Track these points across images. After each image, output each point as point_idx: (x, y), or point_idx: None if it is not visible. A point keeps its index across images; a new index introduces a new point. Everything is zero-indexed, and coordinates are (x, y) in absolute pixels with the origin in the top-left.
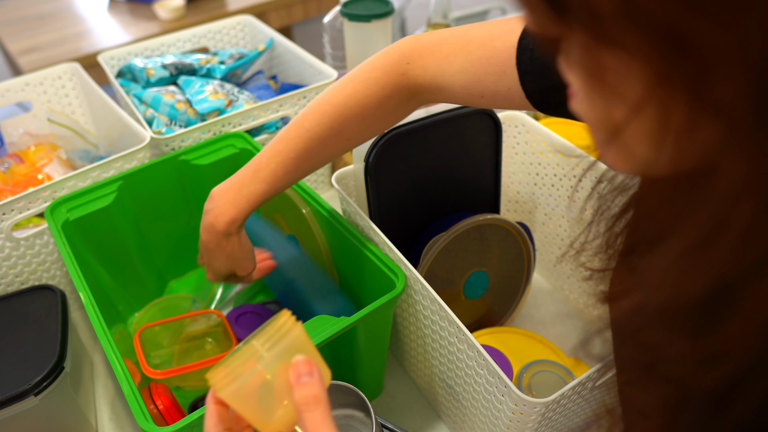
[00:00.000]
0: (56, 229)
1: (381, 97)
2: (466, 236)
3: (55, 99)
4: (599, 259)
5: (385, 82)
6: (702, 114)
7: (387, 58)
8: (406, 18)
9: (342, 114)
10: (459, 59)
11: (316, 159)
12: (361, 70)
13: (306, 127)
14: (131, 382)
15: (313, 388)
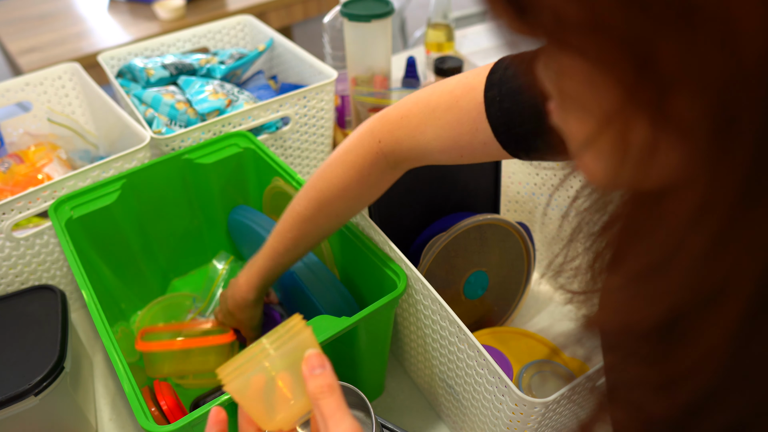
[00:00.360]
0: (60, 227)
1: (360, 177)
2: (466, 236)
3: (55, 99)
4: (579, 281)
5: (361, 164)
6: (663, 133)
7: (358, 140)
8: (406, 18)
9: (327, 198)
10: (430, 128)
11: (312, 236)
12: (338, 154)
13: (297, 211)
14: (132, 381)
15: (327, 378)
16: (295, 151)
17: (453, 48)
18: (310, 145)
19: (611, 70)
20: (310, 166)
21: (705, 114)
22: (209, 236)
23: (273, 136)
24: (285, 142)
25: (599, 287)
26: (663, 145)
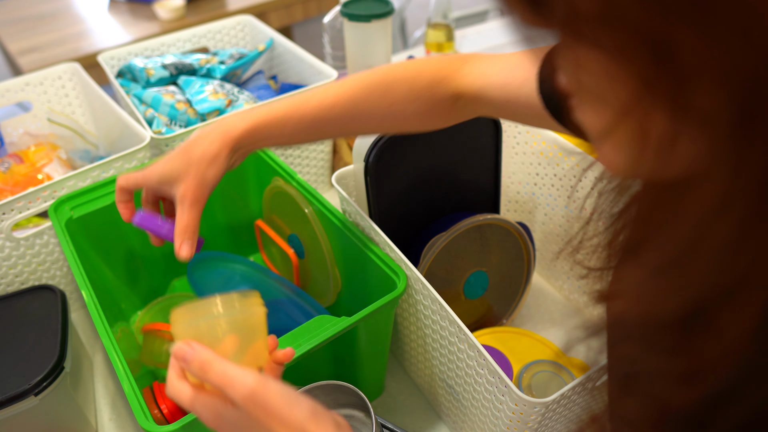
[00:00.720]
0: (60, 227)
1: (432, 79)
2: (466, 236)
3: (55, 99)
4: (596, 258)
5: (436, 73)
6: (683, 124)
7: (433, 60)
8: (406, 18)
9: (390, 80)
10: (495, 63)
11: (347, 118)
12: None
13: (349, 84)
14: (132, 381)
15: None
16: (295, 151)
17: (453, 48)
18: (310, 145)
19: (628, 62)
20: (310, 166)
21: (725, 104)
22: (209, 236)
23: None
24: None
25: (614, 265)
26: (683, 135)
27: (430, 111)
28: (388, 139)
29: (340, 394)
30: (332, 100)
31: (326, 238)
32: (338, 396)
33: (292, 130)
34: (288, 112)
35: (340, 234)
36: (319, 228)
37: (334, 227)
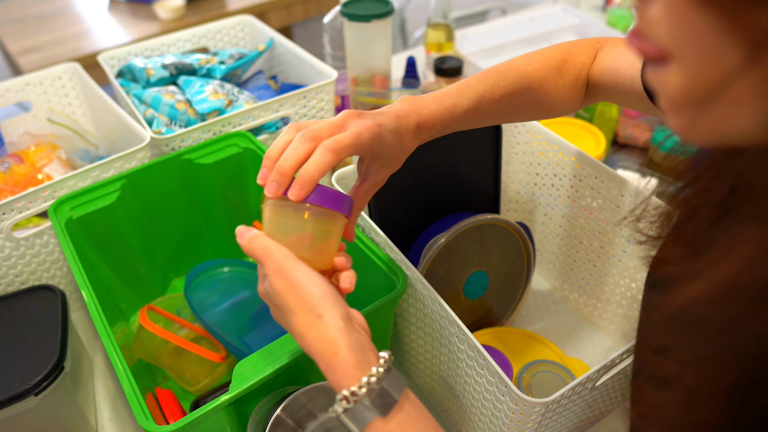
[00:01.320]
0: (59, 227)
1: (582, 63)
2: (466, 236)
3: (55, 99)
4: (656, 228)
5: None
6: None
7: (576, 45)
8: (406, 18)
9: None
10: (616, 51)
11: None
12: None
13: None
14: (132, 381)
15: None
16: None
17: (453, 48)
18: None
19: (750, 16)
20: None
21: None
22: (209, 236)
23: (273, 136)
24: None
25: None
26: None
27: (571, 97)
28: None
29: None
30: (501, 94)
31: None
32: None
33: (468, 124)
34: (469, 107)
35: None
36: None
37: None
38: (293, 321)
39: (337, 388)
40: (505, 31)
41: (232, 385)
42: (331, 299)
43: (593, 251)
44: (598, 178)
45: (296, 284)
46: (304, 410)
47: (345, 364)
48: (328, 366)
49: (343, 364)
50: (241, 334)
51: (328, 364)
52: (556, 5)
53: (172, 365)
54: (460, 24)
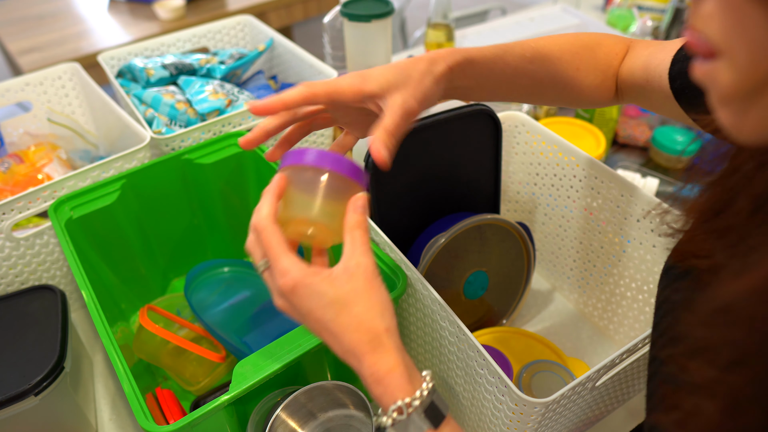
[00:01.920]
0: (59, 227)
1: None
2: (466, 236)
3: (55, 99)
4: (683, 220)
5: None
6: None
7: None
8: (406, 18)
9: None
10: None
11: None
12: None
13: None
14: (132, 381)
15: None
16: None
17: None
18: (310, 145)
19: None
20: None
21: None
22: (209, 236)
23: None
24: None
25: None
26: None
27: (602, 85)
28: None
29: (340, 394)
30: (531, 54)
31: None
32: (338, 396)
33: (498, 74)
34: (497, 53)
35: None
36: None
37: None
38: (347, 339)
39: (388, 400)
40: (505, 31)
41: (232, 385)
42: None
43: (593, 251)
44: (598, 178)
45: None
46: (304, 410)
47: (402, 379)
48: (382, 379)
49: (400, 379)
50: (241, 334)
51: (383, 377)
52: (556, 5)
53: (172, 365)
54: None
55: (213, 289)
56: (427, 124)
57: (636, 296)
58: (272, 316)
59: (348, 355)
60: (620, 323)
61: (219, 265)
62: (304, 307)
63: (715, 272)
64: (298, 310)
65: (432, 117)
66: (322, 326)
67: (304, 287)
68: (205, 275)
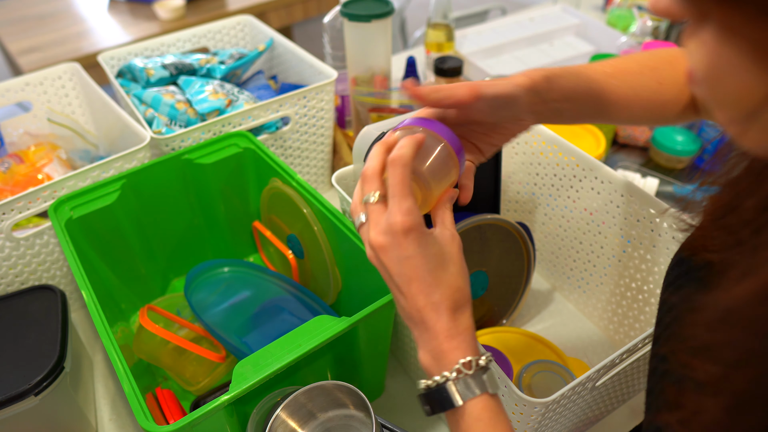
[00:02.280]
0: (59, 227)
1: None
2: (466, 236)
3: (55, 99)
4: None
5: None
6: None
7: None
8: (406, 18)
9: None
10: None
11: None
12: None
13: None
14: (132, 381)
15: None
16: (295, 151)
17: (453, 48)
18: (310, 145)
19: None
20: (310, 166)
21: None
22: (209, 236)
23: (273, 136)
24: (285, 142)
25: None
26: None
27: (685, 100)
28: None
29: (340, 394)
30: (612, 69)
31: (325, 238)
32: (338, 396)
33: (584, 89)
34: (578, 69)
35: (340, 234)
36: (319, 228)
37: (334, 227)
38: (438, 292)
39: (458, 355)
40: (505, 31)
41: (232, 385)
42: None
43: (593, 251)
44: (598, 178)
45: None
46: (304, 410)
47: (474, 340)
48: (460, 333)
49: (473, 340)
50: (241, 334)
51: (461, 332)
52: (556, 5)
53: (172, 365)
54: (460, 24)
55: (213, 289)
56: None
57: (636, 296)
58: (272, 316)
59: (428, 308)
60: (620, 323)
61: (219, 265)
62: (410, 249)
63: (725, 266)
64: (400, 252)
65: None
66: (417, 274)
67: (419, 232)
68: (205, 275)
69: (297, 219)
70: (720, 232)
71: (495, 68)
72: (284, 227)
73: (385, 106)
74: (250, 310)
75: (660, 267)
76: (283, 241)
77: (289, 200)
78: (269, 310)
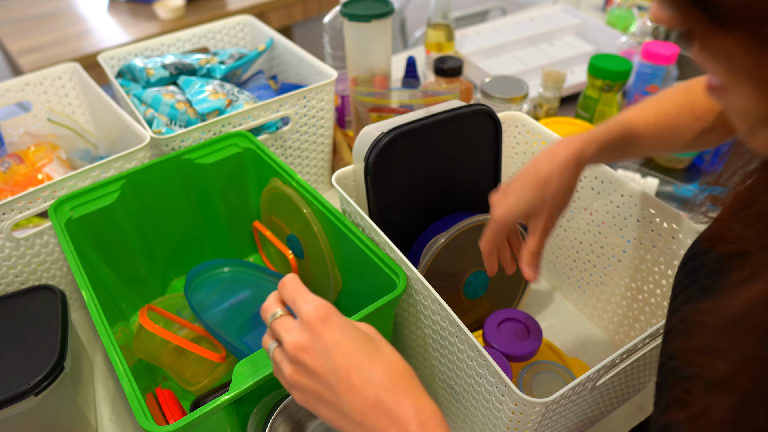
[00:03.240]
0: (59, 227)
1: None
2: (466, 236)
3: (55, 99)
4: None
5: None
6: None
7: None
8: (406, 18)
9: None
10: None
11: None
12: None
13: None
14: (132, 381)
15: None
16: (295, 151)
17: (453, 48)
18: (310, 145)
19: None
20: (310, 166)
21: None
22: (209, 236)
23: (273, 136)
24: (285, 142)
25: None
26: None
27: (723, 126)
28: (389, 139)
29: None
30: (654, 116)
31: (325, 238)
32: None
33: (630, 145)
34: (624, 128)
35: (340, 234)
36: (319, 228)
37: (334, 227)
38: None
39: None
40: (505, 31)
41: (232, 385)
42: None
43: (593, 251)
44: (598, 178)
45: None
46: (304, 410)
47: (443, 422)
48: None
49: (442, 422)
50: (241, 334)
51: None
52: (556, 5)
53: (172, 365)
54: (460, 24)
55: (213, 289)
56: (427, 124)
57: (636, 296)
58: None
59: (385, 393)
60: (620, 323)
61: (219, 265)
62: (334, 336)
63: (741, 258)
64: (323, 343)
65: (432, 117)
66: (350, 361)
67: (337, 315)
68: (205, 275)
69: (297, 219)
70: (738, 224)
71: (495, 68)
72: (284, 227)
73: (385, 106)
74: (250, 310)
75: (660, 267)
76: (283, 241)
77: (289, 200)
78: None
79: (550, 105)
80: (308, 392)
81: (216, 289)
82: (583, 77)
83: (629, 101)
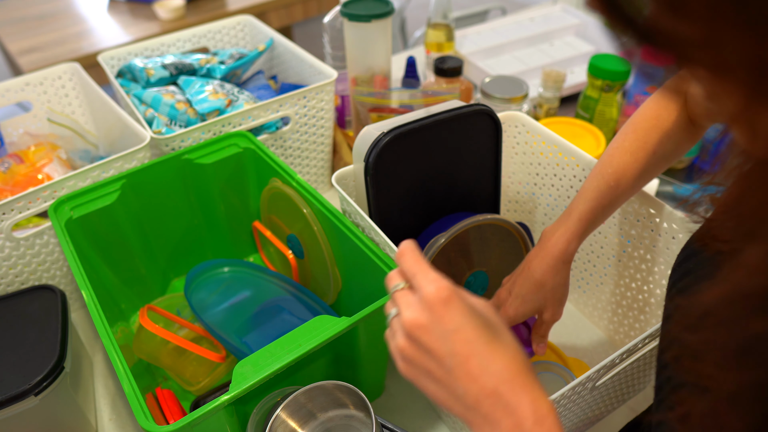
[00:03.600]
0: (59, 227)
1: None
2: (466, 236)
3: (55, 99)
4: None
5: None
6: None
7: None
8: (406, 18)
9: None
10: None
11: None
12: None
13: (616, 145)
14: (132, 381)
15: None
16: (295, 151)
17: (453, 48)
18: (310, 145)
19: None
20: (310, 166)
21: None
22: (209, 236)
23: (273, 136)
24: (285, 142)
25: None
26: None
27: (697, 132)
28: (389, 139)
29: (340, 394)
30: (631, 157)
31: (325, 238)
32: (338, 396)
33: (602, 215)
34: (596, 205)
35: (340, 234)
36: (318, 228)
37: (334, 227)
38: (499, 367)
39: None
40: (505, 31)
41: (232, 385)
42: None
43: (593, 251)
44: None
45: (512, 345)
46: (304, 410)
47: (559, 422)
48: (545, 418)
49: (558, 422)
50: (241, 334)
51: (545, 415)
52: (556, 5)
53: (172, 365)
54: (460, 24)
55: (213, 289)
56: (427, 124)
57: (636, 296)
58: (272, 316)
59: (504, 386)
60: (620, 323)
61: (219, 265)
62: (454, 321)
63: (733, 256)
64: (444, 326)
65: (432, 117)
66: (472, 349)
67: (459, 299)
68: (205, 275)
69: (297, 219)
70: (732, 222)
71: (495, 68)
72: (284, 227)
73: (385, 106)
74: (250, 310)
75: (660, 267)
76: (283, 241)
77: (289, 200)
78: (269, 310)
79: (550, 105)
80: (419, 368)
81: (216, 289)
82: (583, 77)
83: (629, 101)
